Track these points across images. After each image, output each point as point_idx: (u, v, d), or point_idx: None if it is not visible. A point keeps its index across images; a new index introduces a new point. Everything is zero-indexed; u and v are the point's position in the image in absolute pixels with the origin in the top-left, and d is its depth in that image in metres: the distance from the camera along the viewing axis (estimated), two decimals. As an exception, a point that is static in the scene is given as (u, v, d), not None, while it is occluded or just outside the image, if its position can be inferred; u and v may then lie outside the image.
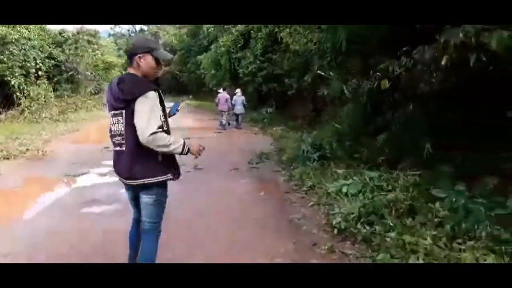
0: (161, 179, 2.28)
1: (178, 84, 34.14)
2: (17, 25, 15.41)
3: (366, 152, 6.33)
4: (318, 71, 9.82)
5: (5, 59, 13.29)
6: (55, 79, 18.49)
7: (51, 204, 4.77)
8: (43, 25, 19.22)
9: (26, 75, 14.73)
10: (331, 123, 8.85)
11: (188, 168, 6.32)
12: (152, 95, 2.17)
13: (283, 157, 7.17)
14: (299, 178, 5.67)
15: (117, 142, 2.31)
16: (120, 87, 2.23)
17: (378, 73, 5.36)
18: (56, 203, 4.79)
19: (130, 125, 2.16)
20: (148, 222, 2.38)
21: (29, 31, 16.20)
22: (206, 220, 4.14)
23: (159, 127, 2.14)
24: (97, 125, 13.36)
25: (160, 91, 2.27)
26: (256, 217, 4.22)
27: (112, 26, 47.53)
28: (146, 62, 2.27)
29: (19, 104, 13.96)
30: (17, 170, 6.53)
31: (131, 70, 2.30)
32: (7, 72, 13.28)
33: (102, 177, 6.05)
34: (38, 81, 14.98)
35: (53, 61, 17.92)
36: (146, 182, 2.25)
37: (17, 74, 13.69)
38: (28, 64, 14.75)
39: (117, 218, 4.05)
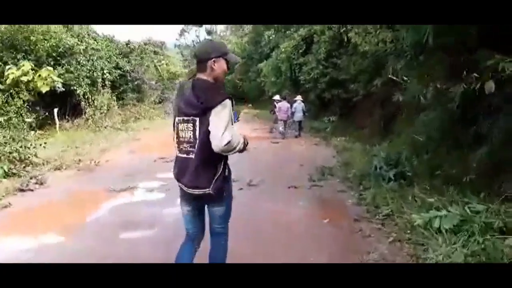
0: (222, 189, 2.24)
1: (237, 93, 34.17)
2: (86, 36, 16.17)
3: (454, 170, 5.19)
4: (390, 75, 8.78)
5: (72, 69, 13.78)
6: (121, 88, 19.04)
7: (86, 224, 4.27)
8: (112, 37, 20.13)
9: (93, 85, 15.24)
10: (407, 133, 7.71)
11: (240, 185, 5.60)
12: (229, 104, 2.14)
13: (350, 174, 6.16)
14: (371, 202, 4.65)
15: (184, 149, 2.25)
16: (196, 94, 2.18)
17: (475, 74, 4.28)
18: (92, 224, 4.28)
19: (204, 132, 2.12)
20: (219, 227, 2.41)
21: (97, 42, 16.88)
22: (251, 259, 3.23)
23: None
24: (158, 134, 13.26)
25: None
26: (319, 257, 3.31)
27: (177, 37, 49.14)
28: (219, 66, 2.24)
29: (85, 113, 14.39)
30: (66, 182, 6.20)
31: (202, 76, 2.24)
32: (74, 82, 13.72)
33: (149, 194, 5.50)
34: (102, 91, 15.35)
35: (119, 71, 18.46)
36: (209, 191, 2.19)
37: (82, 83, 14.10)
38: (95, 74, 15.25)
39: (156, 245, 3.44)
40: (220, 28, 45.78)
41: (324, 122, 14.64)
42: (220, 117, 2.06)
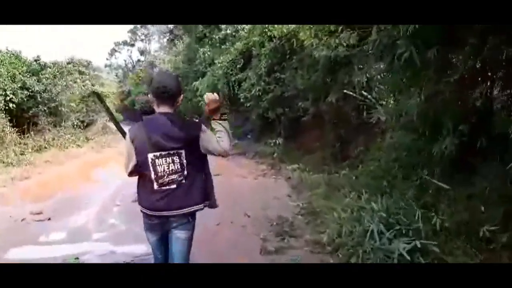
0: (201, 206, 2.30)
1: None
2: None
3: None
4: (349, 88, 7.22)
5: None
6: (30, 112, 15.83)
7: None
8: (18, 53, 16.96)
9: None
10: (380, 160, 5.92)
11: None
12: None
13: (324, 237, 4.02)
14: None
15: (169, 181, 2.18)
16: (179, 127, 2.15)
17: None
18: None
19: (194, 159, 2.19)
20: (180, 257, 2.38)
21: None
22: None
23: None
24: (59, 170, 10.38)
25: None
26: None
27: (108, 56, 45.63)
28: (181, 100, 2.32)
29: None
30: None
31: (168, 109, 2.20)
32: None
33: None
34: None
35: (26, 92, 15.30)
36: (195, 208, 2.26)
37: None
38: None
39: None
40: (153, 47, 43.45)
41: (269, 145, 12.77)
42: (211, 134, 2.21)
